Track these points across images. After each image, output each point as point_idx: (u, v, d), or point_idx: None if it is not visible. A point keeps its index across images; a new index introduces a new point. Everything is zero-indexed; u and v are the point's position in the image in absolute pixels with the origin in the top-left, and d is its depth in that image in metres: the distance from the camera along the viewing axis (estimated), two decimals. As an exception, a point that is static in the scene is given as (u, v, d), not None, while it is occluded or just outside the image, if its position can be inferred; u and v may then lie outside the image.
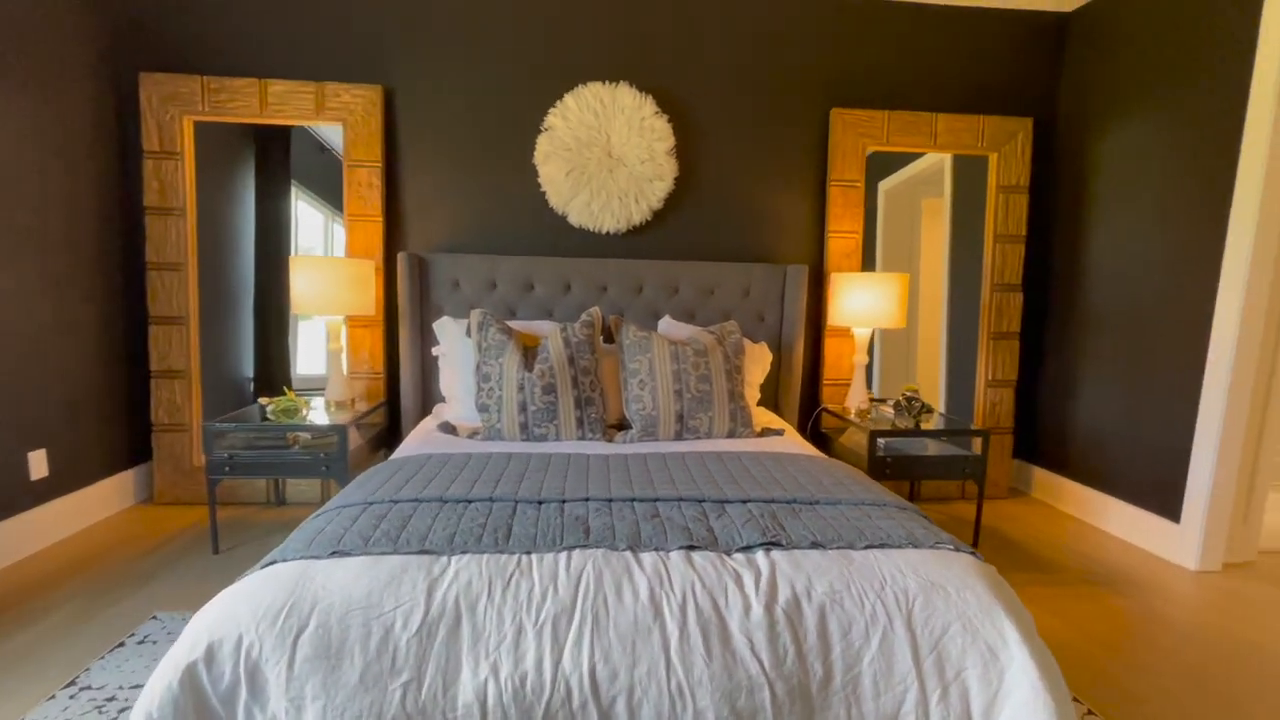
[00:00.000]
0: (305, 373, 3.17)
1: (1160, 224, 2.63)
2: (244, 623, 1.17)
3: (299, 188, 3.03)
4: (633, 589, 1.27)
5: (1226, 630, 2.02)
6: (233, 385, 3.09)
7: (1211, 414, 2.40)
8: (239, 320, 3.03)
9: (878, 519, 1.56)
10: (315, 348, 3.24)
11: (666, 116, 2.87)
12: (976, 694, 1.24)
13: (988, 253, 3.16)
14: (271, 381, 3.10)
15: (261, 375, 3.12)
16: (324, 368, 3.27)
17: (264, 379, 3.11)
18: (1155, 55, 2.65)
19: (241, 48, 2.75)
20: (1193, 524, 2.46)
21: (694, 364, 2.41)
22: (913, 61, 3.02)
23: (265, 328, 3.11)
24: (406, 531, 1.41)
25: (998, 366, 3.18)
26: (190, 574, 2.18)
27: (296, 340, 3.16)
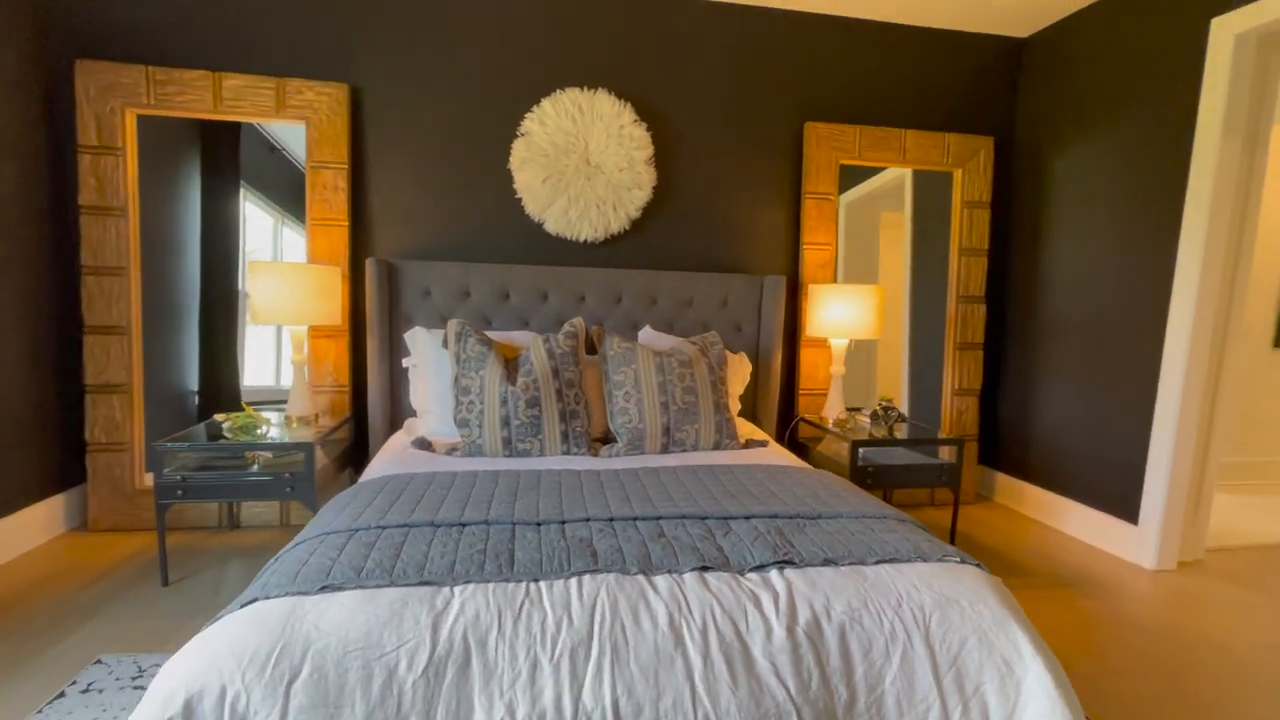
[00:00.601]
0: (252, 384, 2.98)
1: (1115, 239, 2.77)
2: (227, 671, 1.06)
3: (247, 189, 2.84)
4: (650, 616, 1.22)
5: (1187, 628, 2.12)
6: (175, 400, 2.87)
7: (1166, 420, 2.53)
8: (182, 330, 2.81)
9: (881, 532, 1.56)
10: (264, 358, 3.04)
11: (645, 125, 2.85)
12: (995, 708, 1.24)
13: (953, 265, 3.26)
14: (218, 395, 2.90)
15: (207, 389, 2.91)
16: (273, 380, 3.09)
17: (210, 393, 2.90)
18: (1106, 80, 2.80)
19: (193, 37, 2.56)
20: (1150, 525, 2.59)
21: (679, 375, 2.37)
22: (882, 79, 3.09)
23: (212, 338, 2.90)
24: (401, 561, 1.31)
25: (963, 376, 3.28)
26: (137, 609, 1.98)
27: (244, 351, 2.96)
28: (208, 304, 2.85)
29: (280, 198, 2.90)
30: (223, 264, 2.88)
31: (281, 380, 3.08)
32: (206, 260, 2.83)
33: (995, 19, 3.02)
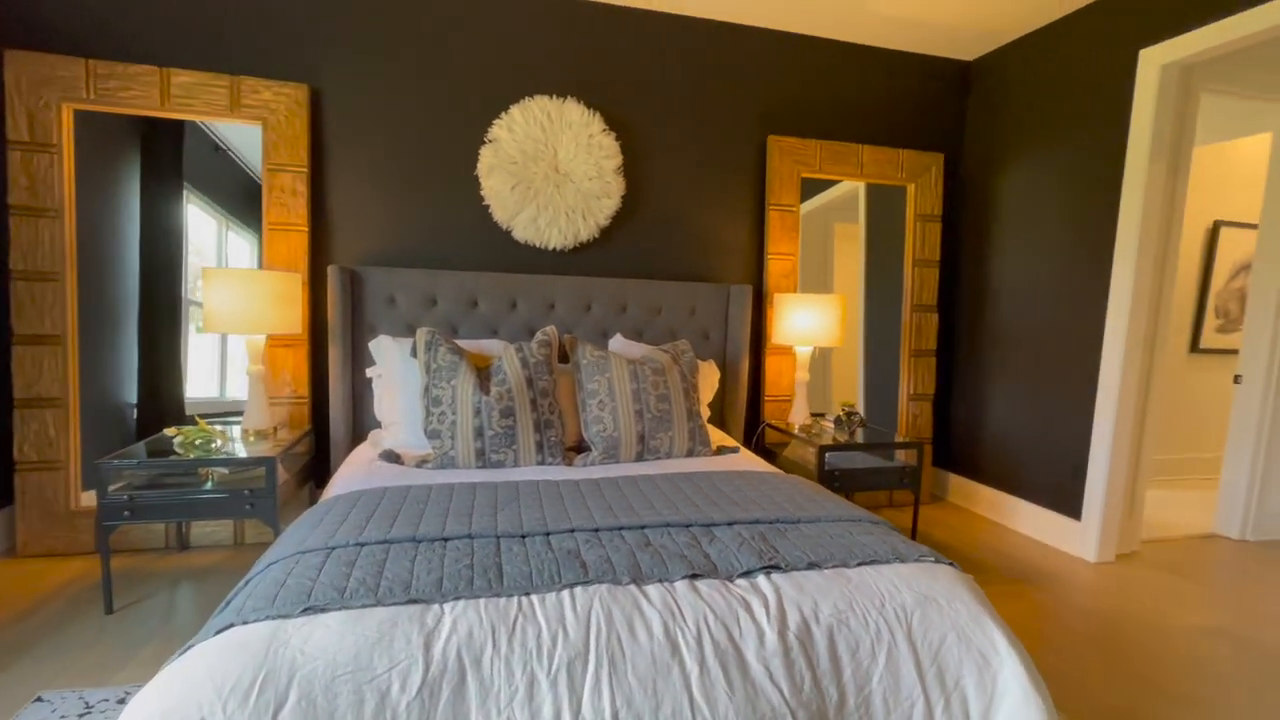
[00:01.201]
0: (195, 396, 2.82)
1: (1056, 253, 2.95)
2: (206, 702, 1.00)
3: (190, 191, 2.71)
4: (645, 625, 1.22)
5: (1128, 614, 2.26)
6: (113, 414, 2.69)
7: (1104, 422, 2.71)
8: (119, 339, 2.65)
9: (858, 535, 1.60)
10: (208, 369, 2.89)
11: (614, 134, 2.86)
12: (974, 701, 1.30)
13: (907, 276, 3.40)
14: (159, 409, 2.74)
15: (148, 402, 2.75)
16: (217, 391, 2.94)
17: (150, 406, 2.73)
18: (1045, 102, 2.99)
19: (139, 30, 2.42)
20: (1091, 521, 2.76)
21: (653, 383, 2.39)
22: (841, 96, 3.21)
23: (152, 348, 2.74)
24: (386, 579, 1.27)
25: (918, 381, 3.42)
26: (79, 640, 1.84)
27: (187, 361, 2.81)
28: (148, 312, 2.69)
29: (225, 200, 2.78)
30: (165, 270, 2.73)
31: (227, 392, 2.93)
32: (146, 266, 2.68)
33: (943, 42, 3.18)
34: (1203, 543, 3.04)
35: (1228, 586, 2.55)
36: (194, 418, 2.29)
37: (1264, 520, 3.11)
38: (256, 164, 2.67)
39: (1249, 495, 3.10)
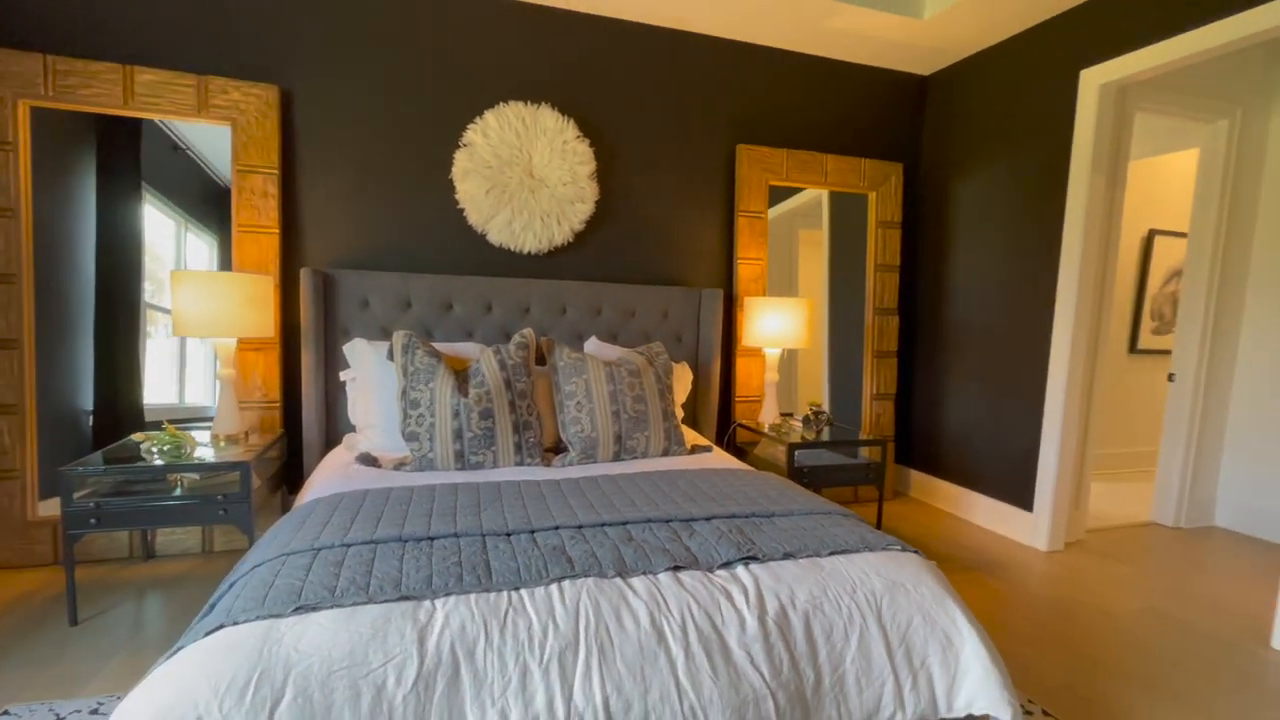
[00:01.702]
0: (151, 403, 2.75)
1: (1008, 259, 3.12)
2: (203, 701, 1.01)
3: (148, 190, 2.65)
4: (632, 615, 1.27)
5: (1076, 599, 2.41)
6: (68, 420, 2.61)
7: (1052, 419, 2.88)
8: (74, 344, 2.57)
9: (829, 527, 1.69)
10: (164, 374, 2.82)
11: (588, 141, 2.91)
12: (939, 678, 1.39)
13: (869, 280, 3.53)
14: (117, 415, 2.66)
15: (105, 408, 2.67)
16: (175, 397, 2.86)
17: (108, 412, 2.65)
18: (995, 117, 3.16)
19: (102, 26, 2.36)
20: (1043, 512, 2.92)
21: (629, 385, 2.44)
22: (807, 107, 3.33)
23: (109, 353, 2.66)
24: (376, 577, 1.29)
25: (880, 381, 3.56)
26: (45, 653, 1.79)
27: (144, 365, 2.74)
28: (105, 315, 2.62)
29: (184, 201, 2.72)
30: (122, 273, 2.66)
31: (185, 397, 2.86)
32: (103, 268, 2.61)
33: (901, 57, 3.33)
34: (1141, 530, 3.25)
35: (1163, 571, 2.73)
36: (163, 423, 2.24)
37: (1195, 509, 3.35)
38: (217, 164, 2.63)
39: (1182, 486, 3.32)
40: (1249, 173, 3.20)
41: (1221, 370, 3.31)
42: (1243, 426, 3.30)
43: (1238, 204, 3.21)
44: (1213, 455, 3.36)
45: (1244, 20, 2.17)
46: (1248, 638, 2.15)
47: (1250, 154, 3.19)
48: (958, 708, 1.38)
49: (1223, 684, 1.87)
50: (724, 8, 2.81)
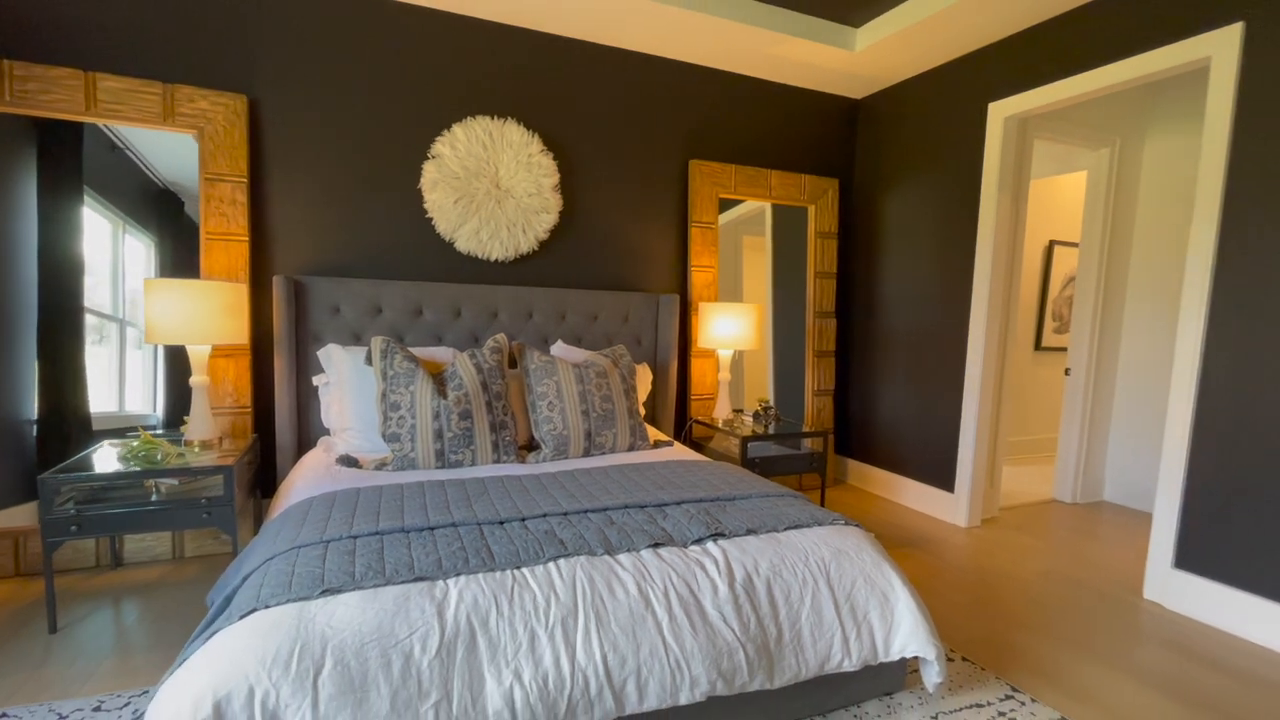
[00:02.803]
0: (99, 410, 2.72)
1: (930, 267, 3.48)
2: (252, 673, 1.13)
3: (85, 192, 2.61)
4: (622, 586, 1.46)
5: (991, 567, 2.76)
6: (10, 430, 2.55)
7: (970, 409, 3.25)
8: (15, 352, 2.52)
9: (784, 507, 1.93)
10: (105, 381, 2.77)
11: (552, 154, 3.06)
12: (879, 629, 1.64)
13: (810, 286, 3.84)
14: (62, 424, 2.61)
15: (50, 417, 2.61)
16: (116, 405, 2.81)
17: (53, 422, 2.60)
18: (918, 139, 3.52)
19: (63, 31, 2.34)
20: (962, 493, 3.29)
21: (597, 385, 2.62)
22: (754, 126, 3.59)
23: (53, 360, 2.61)
24: (389, 562, 1.42)
25: (821, 379, 3.87)
26: (28, 660, 1.80)
27: (87, 373, 2.70)
28: (47, 322, 2.57)
29: (122, 202, 2.68)
30: (64, 278, 2.61)
31: (125, 405, 2.83)
32: (45, 273, 2.56)
33: (838, 83, 3.65)
34: (1044, 507, 3.69)
35: (1060, 540, 3.14)
36: (138, 429, 2.25)
37: (1088, 487, 3.82)
38: (159, 164, 2.62)
39: (1077, 467, 3.79)
40: (1127, 192, 3.70)
41: (1108, 364, 3.80)
42: (1124, 414, 3.80)
43: (1119, 219, 3.70)
44: (1101, 440, 3.85)
45: (1121, 67, 2.57)
46: (1125, 590, 2.55)
47: (1128, 176, 3.68)
48: (894, 652, 1.64)
49: (1103, 627, 2.23)
50: (679, 34, 3.03)
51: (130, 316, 2.71)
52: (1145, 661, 2.02)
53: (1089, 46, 2.67)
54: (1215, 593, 2.29)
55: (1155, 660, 2.04)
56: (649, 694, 1.36)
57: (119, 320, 2.79)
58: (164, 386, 2.84)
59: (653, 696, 1.37)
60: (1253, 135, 2.18)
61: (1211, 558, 2.31)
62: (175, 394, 2.74)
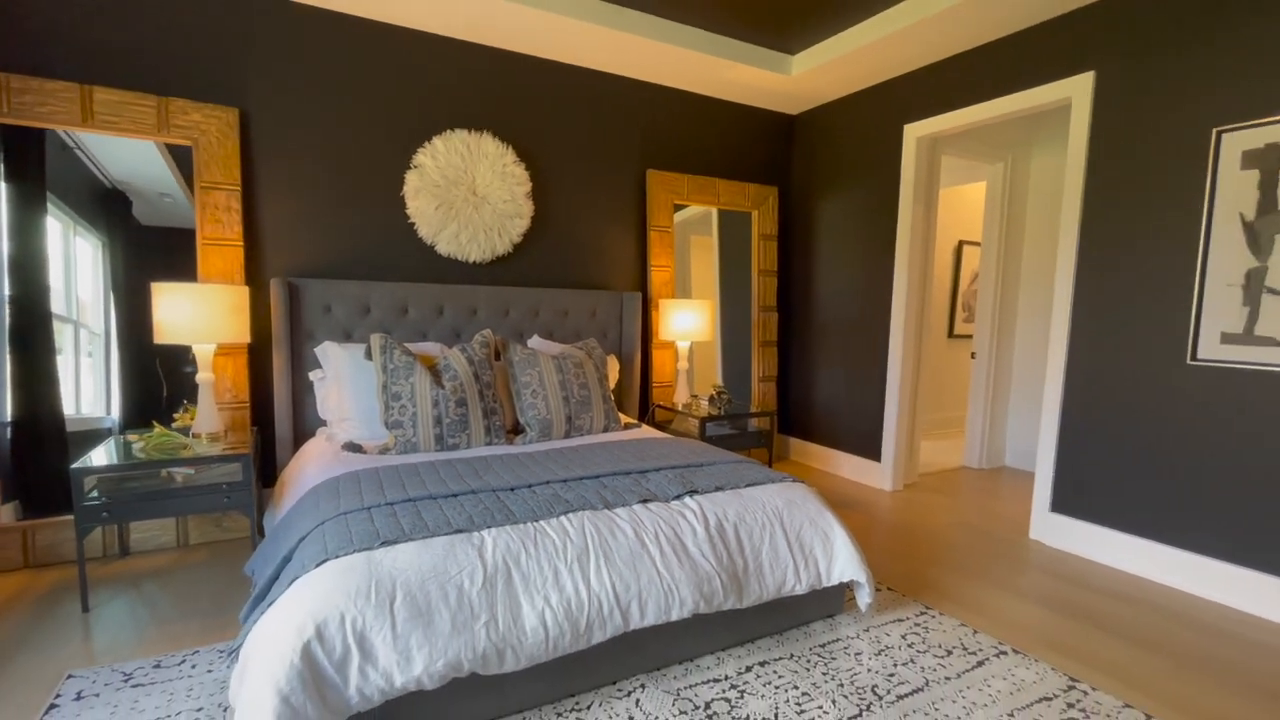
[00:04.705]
0: (71, 413, 2.80)
1: (857, 265, 3.97)
2: (341, 603, 1.41)
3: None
4: (621, 531, 1.80)
5: (912, 522, 3.27)
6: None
7: (891, 390, 3.76)
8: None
9: (744, 470, 2.32)
10: (65, 386, 2.82)
11: (524, 165, 3.34)
12: (822, 561, 2.05)
13: (754, 283, 4.28)
14: (37, 426, 2.67)
15: (25, 420, 2.67)
16: (72, 408, 2.85)
17: (27, 425, 2.66)
18: (846, 152, 4.00)
19: (60, 45, 2.44)
20: (887, 461, 3.80)
21: (574, 374, 2.94)
22: (704, 138, 3.98)
23: (24, 365, 2.68)
24: (429, 521, 1.71)
25: (765, 366, 4.32)
26: (71, 634, 1.96)
27: (59, 376, 2.78)
28: (18, 327, 2.63)
29: (73, 202, 2.74)
30: (33, 283, 2.66)
31: (81, 408, 2.85)
32: (14, 278, 2.63)
33: (776, 101, 4.08)
34: (956, 473, 4.28)
35: (968, 498, 3.70)
36: (152, 423, 2.40)
37: (991, 454, 4.44)
38: (109, 164, 2.66)
39: (982, 438, 4.40)
40: (1019, 200, 4.31)
41: (1006, 348, 4.42)
42: (1021, 390, 4.44)
43: (1013, 222, 4.31)
44: (1002, 413, 4.47)
45: (1007, 101, 3.09)
46: (1015, 533, 3.11)
47: (1020, 187, 4.30)
48: (834, 578, 2.06)
49: (996, 561, 2.75)
50: (638, 56, 3.36)
51: (81, 319, 2.77)
52: (1026, 584, 2.54)
53: (982, 82, 3.19)
54: (1082, 529, 2.85)
55: (1033, 582, 2.56)
56: (648, 612, 1.72)
57: (73, 322, 2.88)
58: (119, 390, 2.92)
59: (651, 614, 1.72)
60: (1102, 159, 2.73)
61: (1077, 501, 2.87)
62: (134, 397, 2.78)
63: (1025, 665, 1.93)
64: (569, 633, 1.61)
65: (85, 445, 2.63)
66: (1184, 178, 2.48)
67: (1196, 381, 2.46)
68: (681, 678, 1.83)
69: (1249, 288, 2.31)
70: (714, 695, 1.75)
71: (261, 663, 1.32)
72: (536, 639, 1.57)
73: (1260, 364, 2.28)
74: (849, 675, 1.86)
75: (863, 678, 1.85)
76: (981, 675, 1.88)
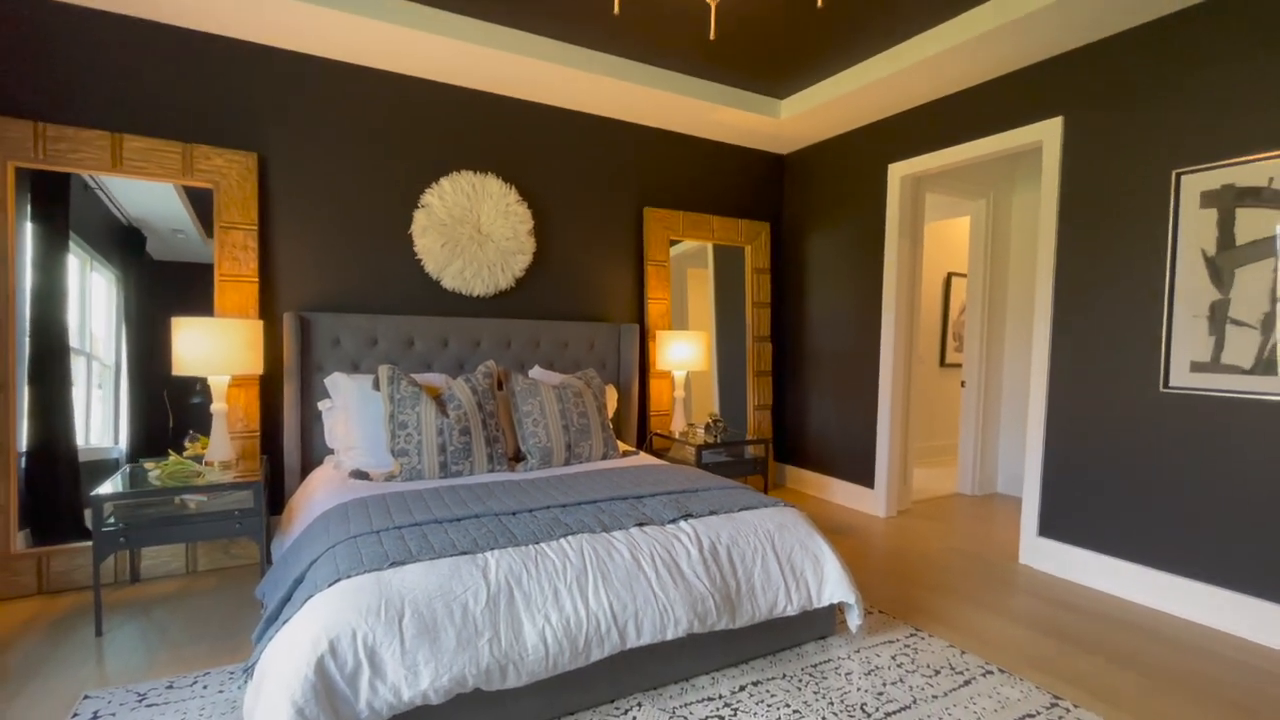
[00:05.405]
0: (81, 443, 2.88)
1: (847, 297, 4.11)
2: (353, 620, 1.49)
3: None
4: (619, 553, 1.89)
5: (905, 546, 3.33)
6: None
7: (884, 417, 3.86)
8: (15, 387, 2.69)
9: (737, 495, 2.40)
10: (77, 416, 2.89)
11: (527, 204, 3.51)
12: (812, 583, 2.13)
13: (749, 314, 4.41)
14: (52, 457, 2.75)
15: (39, 450, 2.76)
16: (84, 439, 2.92)
17: (42, 454, 2.74)
18: (834, 190, 4.18)
19: (92, 98, 2.61)
20: (880, 489, 3.88)
21: (574, 403, 3.04)
22: (697, 177, 4.16)
23: (43, 396, 2.77)
24: (435, 543, 1.80)
25: (760, 395, 4.43)
26: (86, 657, 2.03)
27: (74, 408, 2.87)
28: (38, 360, 2.73)
29: (91, 238, 2.87)
30: (54, 319, 2.76)
31: (90, 439, 2.93)
32: (36, 314, 2.73)
33: (767, 142, 4.28)
34: (949, 499, 4.35)
35: (960, 524, 3.77)
36: (168, 452, 2.49)
37: (984, 481, 4.52)
38: (127, 203, 2.78)
39: (974, 465, 4.48)
40: (1002, 234, 4.48)
41: (995, 376, 4.53)
42: (1010, 418, 4.54)
43: (997, 255, 4.47)
44: (993, 441, 4.56)
45: (984, 143, 3.26)
46: (1005, 557, 3.17)
47: (1002, 221, 4.47)
48: (825, 599, 2.13)
49: (986, 585, 2.81)
50: (635, 102, 3.56)
51: (94, 351, 2.86)
52: (1013, 606, 2.61)
53: (959, 125, 3.37)
54: (1068, 553, 2.92)
55: (1021, 604, 2.62)
56: (644, 631, 1.79)
57: (86, 354, 2.99)
58: (127, 421, 3.02)
59: (647, 633, 1.80)
60: (1073, 197, 2.89)
61: (1063, 526, 2.95)
62: (141, 427, 2.84)
63: (1010, 684, 2.00)
64: (568, 650, 1.68)
65: (94, 474, 2.72)
66: (1149, 215, 2.63)
67: (1170, 408, 2.57)
68: (677, 696, 1.89)
69: (1214, 319, 2.44)
70: (708, 713, 1.81)
71: (277, 676, 1.40)
72: (537, 656, 1.64)
73: (1227, 391, 2.39)
74: (839, 694, 1.92)
75: (852, 696, 1.91)
76: (968, 694, 1.94)
